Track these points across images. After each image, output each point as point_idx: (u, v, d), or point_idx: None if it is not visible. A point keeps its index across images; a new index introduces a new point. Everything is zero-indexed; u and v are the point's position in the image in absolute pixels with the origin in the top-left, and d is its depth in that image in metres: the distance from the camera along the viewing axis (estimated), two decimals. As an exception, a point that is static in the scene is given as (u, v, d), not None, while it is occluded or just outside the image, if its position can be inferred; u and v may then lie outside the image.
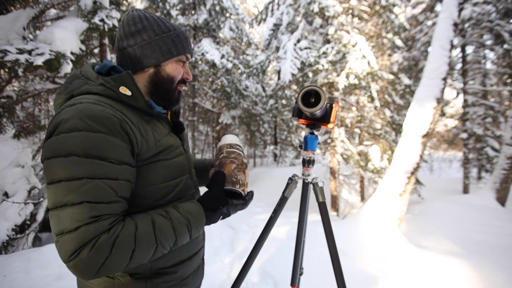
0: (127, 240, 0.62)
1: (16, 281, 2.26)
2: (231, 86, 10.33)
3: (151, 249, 0.66)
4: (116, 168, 0.64)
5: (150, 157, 0.73)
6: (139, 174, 0.72)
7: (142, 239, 0.64)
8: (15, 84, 4.62)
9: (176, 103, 0.86)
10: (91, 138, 0.61)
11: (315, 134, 1.18)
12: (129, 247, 0.62)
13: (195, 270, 0.90)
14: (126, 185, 0.67)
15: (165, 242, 0.69)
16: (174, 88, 0.83)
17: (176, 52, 0.80)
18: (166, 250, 0.71)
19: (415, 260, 2.85)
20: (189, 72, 0.85)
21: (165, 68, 0.80)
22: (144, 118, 0.75)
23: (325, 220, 1.14)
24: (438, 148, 18.99)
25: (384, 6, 6.12)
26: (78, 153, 0.60)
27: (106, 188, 0.62)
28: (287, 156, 12.79)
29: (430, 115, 3.65)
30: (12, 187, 3.02)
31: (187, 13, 10.00)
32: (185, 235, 0.73)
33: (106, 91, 0.71)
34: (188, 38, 0.84)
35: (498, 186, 4.86)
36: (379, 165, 5.74)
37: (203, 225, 0.77)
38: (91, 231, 0.59)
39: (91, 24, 3.31)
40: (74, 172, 0.60)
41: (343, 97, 6.64)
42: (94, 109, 0.64)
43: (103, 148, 0.62)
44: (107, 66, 0.79)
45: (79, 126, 0.61)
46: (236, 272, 2.64)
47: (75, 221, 0.59)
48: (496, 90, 8.30)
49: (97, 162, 0.61)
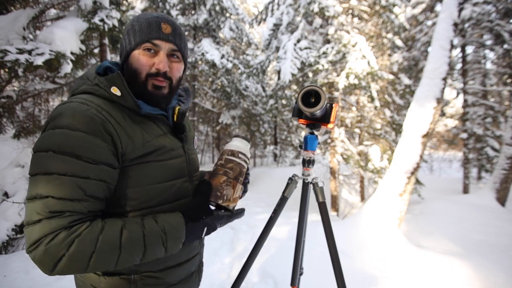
0: (88, 241, 0.61)
1: (16, 281, 2.26)
2: (231, 86, 10.34)
3: (113, 256, 0.63)
4: (89, 167, 0.64)
5: (137, 157, 0.72)
6: (125, 174, 0.71)
7: (104, 243, 0.62)
8: (15, 84, 4.62)
9: (157, 100, 0.78)
10: (69, 136, 0.63)
11: (315, 134, 1.18)
12: (88, 249, 0.61)
13: (187, 277, 0.87)
14: (98, 185, 0.65)
15: (132, 250, 0.65)
16: (143, 81, 0.76)
17: (135, 41, 0.75)
18: (134, 260, 0.66)
19: (415, 260, 2.85)
20: (162, 62, 0.75)
21: (130, 60, 0.76)
22: (134, 118, 0.74)
23: (325, 220, 1.14)
24: (438, 148, 18.99)
25: (384, 6, 6.12)
26: (54, 149, 0.62)
27: (74, 186, 0.62)
28: (287, 156, 12.79)
29: (430, 115, 3.65)
30: (12, 187, 3.02)
31: (187, 13, 10.01)
32: (158, 247, 0.68)
33: (99, 91, 0.72)
34: (153, 22, 0.75)
35: (498, 186, 4.86)
36: (379, 165, 5.74)
37: (183, 237, 0.72)
38: (50, 226, 0.60)
39: (91, 24, 3.31)
40: (47, 167, 0.62)
41: (343, 97, 6.64)
42: (78, 109, 0.66)
43: (79, 146, 0.63)
44: (103, 66, 0.79)
45: (62, 124, 0.64)
46: (236, 272, 2.64)
47: (38, 214, 0.60)
48: (496, 90, 8.30)
49: (69, 160, 0.62)
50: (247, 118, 11.67)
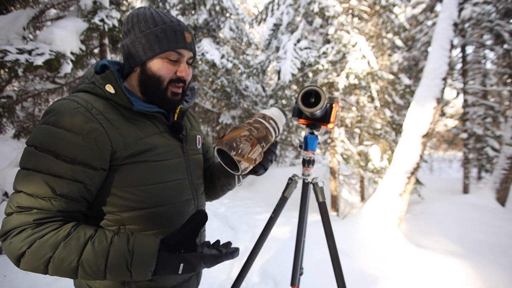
0: (47, 245, 0.59)
1: (16, 281, 2.26)
2: (231, 86, 10.33)
3: (70, 266, 0.60)
4: (64, 166, 0.63)
5: (130, 155, 0.70)
6: (118, 173, 0.70)
7: (63, 251, 0.59)
8: (15, 84, 4.62)
9: (173, 105, 0.80)
10: (51, 133, 0.64)
11: (315, 134, 1.18)
12: (46, 253, 0.59)
13: (184, 281, 0.84)
14: (72, 185, 0.64)
15: (91, 265, 0.60)
16: (164, 88, 0.76)
17: (160, 48, 0.74)
18: (95, 275, 0.61)
19: (415, 260, 2.85)
20: (185, 70, 0.77)
21: (150, 66, 0.75)
22: (129, 116, 0.73)
23: (325, 220, 1.14)
24: (438, 148, 18.98)
25: (384, 6, 6.12)
26: (36, 145, 0.64)
27: (44, 183, 0.62)
28: (287, 156, 12.79)
29: (430, 115, 3.65)
30: (12, 187, 3.02)
31: (187, 13, 10.01)
32: (121, 268, 0.62)
33: (95, 89, 0.73)
34: (178, 31, 0.75)
35: (498, 186, 4.85)
36: (379, 165, 5.74)
37: (152, 266, 0.63)
38: (17, 220, 0.61)
39: (91, 24, 3.31)
40: (26, 163, 0.64)
41: (343, 97, 6.64)
42: (67, 106, 0.66)
43: (59, 144, 0.63)
44: (100, 64, 0.79)
45: (49, 120, 0.65)
46: (236, 272, 2.64)
47: (10, 207, 0.63)
48: (496, 90, 8.29)
49: (46, 157, 0.63)
50: (247, 118, 11.67)
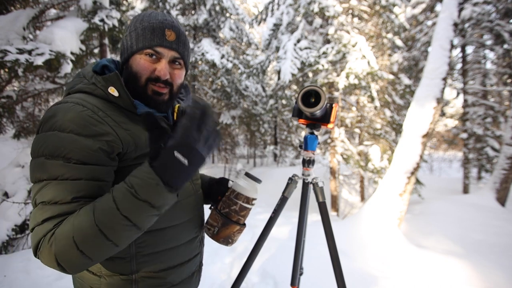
0: (64, 230, 0.58)
1: (16, 281, 2.26)
2: (231, 86, 10.33)
3: (93, 230, 0.57)
4: (80, 169, 0.62)
5: (139, 156, 0.70)
6: (124, 174, 0.64)
7: (79, 224, 0.58)
8: (15, 84, 4.62)
9: (157, 104, 0.75)
10: (59, 138, 0.62)
11: (315, 134, 1.18)
12: (67, 237, 0.57)
13: (188, 277, 0.86)
14: (91, 185, 0.63)
15: (107, 215, 0.58)
16: (143, 86, 0.74)
17: (136, 45, 0.73)
18: (117, 224, 0.58)
19: (415, 260, 2.85)
20: (163, 70, 0.73)
21: (131, 64, 0.75)
22: (133, 118, 0.73)
23: (325, 220, 1.14)
24: (438, 148, 18.99)
25: (384, 6, 6.12)
26: (45, 154, 0.62)
27: (63, 189, 0.61)
28: (287, 156, 12.79)
29: (430, 115, 3.65)
30: (12, 187, 3.02)
31: (187, 13, 10.01)
32: (131, 202, 0.58)
33: (96, 90, 0.71)
34: (157, 28, 0.73)
35: (498, 186, 4.85)
36: (379, 165, 5.74)
37: (157, 180, 0.58)
38: (41, 231, 0.60)
39: (91, 24, 3.31)
40: (39, 175, 0.62)
41: (343, 97, 6.64)
42: (73, 109, 0.64)
43: (69, 148, 0.61)
44: (100, 64, 0.77)
45: (54, 125, 0.63)
46: (236, 272, 2.64)
47: (33, 221, 0.61)
48: (496, 90, 8.29)
49: (59, 163, 0.61)
50: (247, 118, 11.67)
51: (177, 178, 0.60)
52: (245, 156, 16.68)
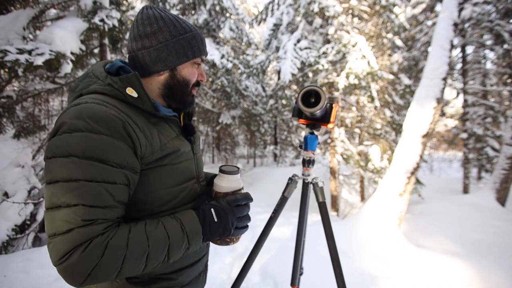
0: (120, 242, 0.60)
1: (16, 281, 2.26)
2: (231, 86, 10.33)
3: (143, 253, 0.62)
4: (115, 172, 0.62)
5: (155, 160, 0.71)
6: (142, 178, 0.69)
7: (134, 242, 0.61)
8: (15, 84, 4.62)
9: (190, 106, 0.84)
10: (92, 140, 0.60)
11: (315, 134, 1.18)
12: (122, 250, 0.60)
13: (196, 277, 0.88)
14: (124, 190, 0.64)
15: (158, 247, 0.64)
16: (189, 91, 0.80)
17: (192, 54, 0.77)
18: (159, 258, 0.65)
19: (415, 260, 2.85)
20: (203, 74, 0.82)
21: (181, 71, 0.77)
22: (150, 120, 0.73)
23: (325, 220, 1.14)
24: (438, 148, 18.98)
25: (384, 6, 6.12)
26: (77, 154, 0.59)
27: (103, 191, 0.60)
28: (287, 156, 12.79)
29: (430, 115, 3.65)
30: (12, 187, 3.02)
31: (187, 13, 10.01)
32: (180, 240, 0.68)
33: (113, 91, 0.70)
34: (203, 39, 0.80)
35: (498, 186, 4.85)
36: (379, 165, 5.74)
37: (199, 227, 0.71)
38: (84, 234, 0.57)
39: (91, 24, 3.31)
40: (72, 174, 0.59)
41: (343, 97, 6.64)
42: (97, 110, 0.63)
43: (104, 150, 0.61)
44: (116, 65, 0.77)
45: (80, 126, 0.61)
46: (236, 272, 2.64)
47: (68, 223, 0.57)
48: (496, 90, 8.29)
49: (96, 165, 0.60)
50: (247, 118, 11.67)
51: (209, 228, 0.73)
52: (245, 156, 16.69)
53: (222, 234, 0.74)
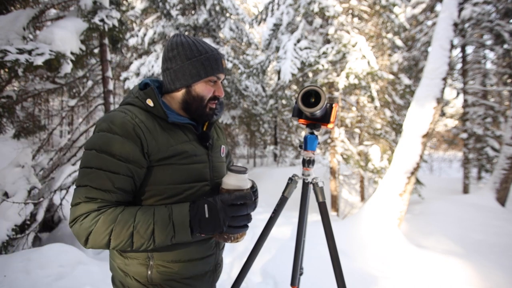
0: (110, 218, 0.76)
1: (16, 281, 2.26)
2: (231, 86, 10.33)
3: (129, 230, 0.75)
4: (120, 165, 0.79)
5: (162, 159, 0.84)
6: (151, 173, 0.84)
7: (122, 219, 0.76)
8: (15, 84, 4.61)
9: (208, 118, 0.96)
10: (107, 138, 0.80)
11: (315, 134, 1.18)
12: (110, 224, 0.75)
13: (201, 274, 0.94)
14: (126, 180, 0.80)
15: (141, 228, 0.76)
16: (205, 105, 0.93)
17: (205, 74, 0.90)
18: (143, 237, 0.76)
19: (415, 260, 2.85)
20: (221, 89, 0.94)
21: (195, 88, 0.91)
22: (164, 125, 0.88)
23: (325, 220, 1.14)
24: (438, 148, 18.98)
25: (384, 6, 6.12)
26: (96, 148, 0.79)
27: (106, 178, 0.78)
28: (287, 156, 12.79)
29: (430, 115, 3.65)
30: (12, 187, 3.02)
31: (187, 13, 10.00)
32: (165, 224, 0.77)
33: (138, 102, 0.89)
34: (218, 59, 0.92)
35: (498, 186, 4.85)
36: (379, 165, 5.74)
37: (187, 216, 0.79)
38: (85, 208, 0.77)
39: (91, 24, 3.31)
40: (89, 162, 0.79)
41: (343, 97, 6.64)
42: (117, 116, 0.82)
43: (114, 146, 0.79)
44: (144, 82, 0.96)
45: (104, 128, 0.81)
46: (236, 272, 2.64)
47: (78, 198, 0.78)
48: (496, 90, 8.29)
49: (106, 157, 0.78)
50: (247, 118, 11.66)
51: (200, 223, 0.80)
52: (245, 156, 16.69)
53: (213, 230, 0.80)
